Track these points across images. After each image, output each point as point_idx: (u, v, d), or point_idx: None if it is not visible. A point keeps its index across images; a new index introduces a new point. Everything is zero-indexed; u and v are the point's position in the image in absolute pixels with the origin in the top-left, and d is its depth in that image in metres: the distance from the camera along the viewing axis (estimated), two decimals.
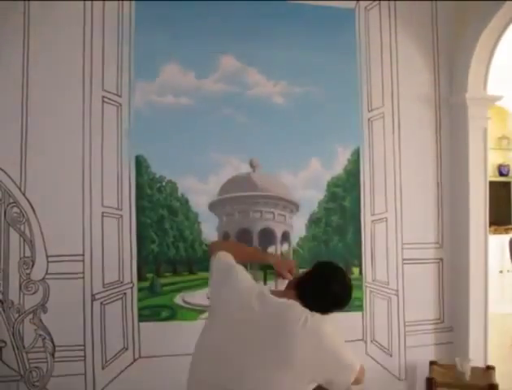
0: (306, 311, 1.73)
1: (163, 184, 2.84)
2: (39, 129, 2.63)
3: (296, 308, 1.73)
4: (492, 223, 3.32)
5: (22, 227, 2.59)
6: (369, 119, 3.12)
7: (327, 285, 1.81)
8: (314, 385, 1.70)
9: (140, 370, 2.74)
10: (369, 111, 3.13)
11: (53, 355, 2.61)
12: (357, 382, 1.75)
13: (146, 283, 2.80)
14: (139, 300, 2.78)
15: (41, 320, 2.59)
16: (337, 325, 1.78)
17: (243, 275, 1.86)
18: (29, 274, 2.59)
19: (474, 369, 2.94)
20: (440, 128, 3.21)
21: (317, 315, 1.74)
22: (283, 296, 1.81)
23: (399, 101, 3.15)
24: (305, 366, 1.65)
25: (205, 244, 2.89)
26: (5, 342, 2.55)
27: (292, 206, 3.01)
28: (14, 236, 2.59)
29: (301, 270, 1.95)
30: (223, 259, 1.93)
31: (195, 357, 1.78)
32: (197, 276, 2.88)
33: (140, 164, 2.79)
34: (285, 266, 2.07)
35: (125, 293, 2.76)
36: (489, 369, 2.96)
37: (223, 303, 1.81)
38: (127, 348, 2.75)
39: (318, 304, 1.77)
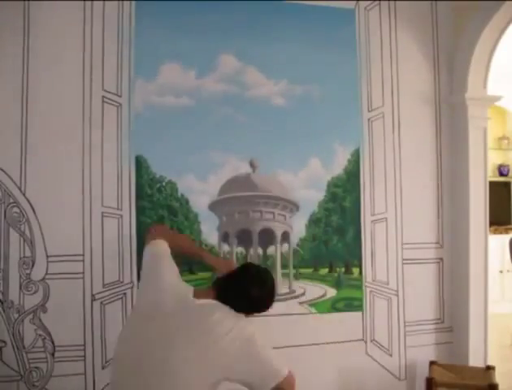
0: (230, 314, 1.74)
1: (163, 184, 2.84)
2: (39, 129, 2.63)
3: (217, 310, 1.74)
4: (492, 223, 3.32)
5: (22, 227, 2.59)
6: (369, 119, 3.12)
7: (246, 288, 1.81)
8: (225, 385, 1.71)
9: None
10: (369, 111, 3.13)
11: (53, 355, 2.61)
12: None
13: None
14: None
15: (40, 320, 2.59)
16: (261, 329, 1.78)
17: (169, 274, 1.86)
18: (29, 274, 2.58)
19: (474, 369, 2.94)
20: (439, 128, 3.22)
21: (242, 319, 1.76)
22: (206, 296, 1.80)
23: (399, 101, 3.15)
24: (220, 366, 1.66)
25: (204, 244, 2.90)
26: (5, 342, 2.55)
27: (292, 206, 3.01)
28: (14, 236, 2.59)
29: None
30: (156, 248, 1.94)
31: (117, 351, 1.78)
32: (197, 276, 2.88)
33: (140, 164, 2.79)
34: (225, 267, 2.08)
35: (125, 293, 2.75)
36: (489, 369, 2.96)
37: (143, 300, 1.85)
38: None
39: (236, 305, 1.78)
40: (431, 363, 3.03)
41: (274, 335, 2.40)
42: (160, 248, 2.00)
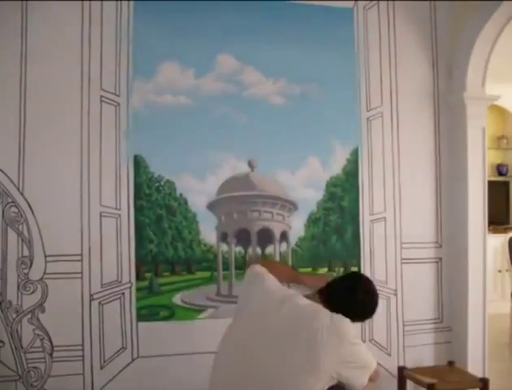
0: (330, 313, 1.76)
1: (162, 183, 2.84)
2: (37, 128, 2.63)
3: (320, 309, 1.77)
4: (490, 223, 3.32)
5: (20, 227, 2.59)
6: (368, 119, 3.12)
7: (353, 293, 1.87)
8: (332, 382, 1.72)
9: (138, 370, 2.73)
10: (368, 111, 3.13)
11: (51, 355, 2.60)
12: (370, 379, 1.79)
13: (145, 283, 2.80)
14: (137, 299, 2.77)
15: (39, 320, 2.59)
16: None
17: (272, 280, 1.91)
18: (27, 274, 2.58)
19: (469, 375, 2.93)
20: (438, 128, 3.22)
21: (339, 316, 1.77)
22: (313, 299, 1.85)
23: (397, 100, 3.15)
24: (328, 366, 1.68)
25: (203, 244, 2.89)
26: (3, 342, 2.55)
27: (291, 206, 3.01)
28: (12, 236, 2.58)
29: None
30: (258, 269, 1.98)
31: (218, 357, 1.81)
32: (196, 276, 2.88)
33: (138, 164, 2.79)
34: (322, 283, 2.11)
35: (123, 293, 2.75)
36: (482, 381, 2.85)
37: (249, 301, 1.86)
38: (125, 348, 2.74)
39: (344, 311, 1.80)
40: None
41: None
42: (263, 269, 2.01)
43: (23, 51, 2.62)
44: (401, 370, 2.98)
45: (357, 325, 3.04)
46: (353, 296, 1.87)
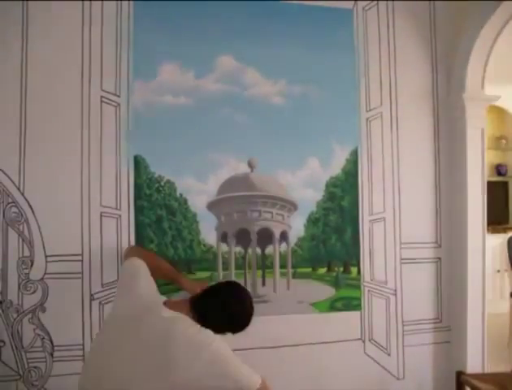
0: (195, 325, 1.72)
1: (162, 183, 2.84)
2: (38, 129, 2.63)
3: (183, 322, 1.74)
4: (489, 223, 3.33)
5: (21, 227, 2.59)
6: (367, 119, 3.13)
7: (225, 303, 1.82)
8: None
9: None
10: (367, 111, 3.13)
11: (52, 355, 2.61)
12: None
13: None
14: None
15: (39, 320, 2.59)
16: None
17: (146, 280, 1.94)
18: (28, 274, 2.59)
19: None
20: (437, 128, 3.22)
21: (206, 331, 1.72)
22: (176, 308, 1.81)
23: (397, 100, 3.16)
24: (188, 382, 1.63)
25: (203, 244, 2.90)
26: (4, 342, 2.56)
27: (291, 206, 3.01)
28: (12, 236, 2.59)
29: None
30: (136, 262, 2.01)
31: (86, 362, 1.87)
32: (196, 276, 2.89)
33: (138, 164, 2.79)
34: (197, 287, 2.10)
35: None
36: None
37: (121, 301, 1.91)
38: None
39: (212, 321, 1.77)
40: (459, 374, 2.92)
41: (273, 334, 2.40)
42: (139, 262, 2.05)
43: (24, 51, 2.62)
44: (458, 375, 2.92)
45: (357, 324, 3.06)
46: (222, 311, 1.82)
